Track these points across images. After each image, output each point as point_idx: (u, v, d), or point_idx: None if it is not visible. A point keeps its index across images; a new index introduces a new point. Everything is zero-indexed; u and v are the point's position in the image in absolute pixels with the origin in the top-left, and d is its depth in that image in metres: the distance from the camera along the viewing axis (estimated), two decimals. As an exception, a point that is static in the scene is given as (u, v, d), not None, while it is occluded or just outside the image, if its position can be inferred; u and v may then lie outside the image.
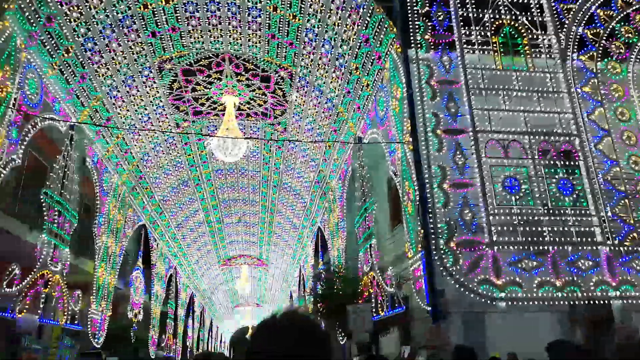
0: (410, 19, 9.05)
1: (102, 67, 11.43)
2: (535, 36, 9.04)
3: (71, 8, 9.64)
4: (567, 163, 8.18)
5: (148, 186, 16.60)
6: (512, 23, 8.99)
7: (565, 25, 9.03)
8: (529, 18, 9.10)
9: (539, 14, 9.14)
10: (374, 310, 10.53)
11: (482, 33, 9.02)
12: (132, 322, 16.86)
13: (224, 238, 24.35)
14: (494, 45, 8.88)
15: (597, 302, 7.55)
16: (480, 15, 9.05)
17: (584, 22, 9.13)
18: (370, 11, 9.72)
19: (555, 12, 9.15)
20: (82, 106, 11.65)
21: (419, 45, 8.76)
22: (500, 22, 9.08)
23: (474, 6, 9.01)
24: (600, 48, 9.01)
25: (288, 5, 10.87)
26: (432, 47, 8.78)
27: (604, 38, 9.06)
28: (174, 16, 11.17)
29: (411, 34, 8.79)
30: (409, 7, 9.08)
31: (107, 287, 13.65)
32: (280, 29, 11.43)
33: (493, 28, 9.03)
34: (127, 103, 12.93)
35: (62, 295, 10.69)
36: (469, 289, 7.34)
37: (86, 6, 9.83)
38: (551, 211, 7.88)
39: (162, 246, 20.31)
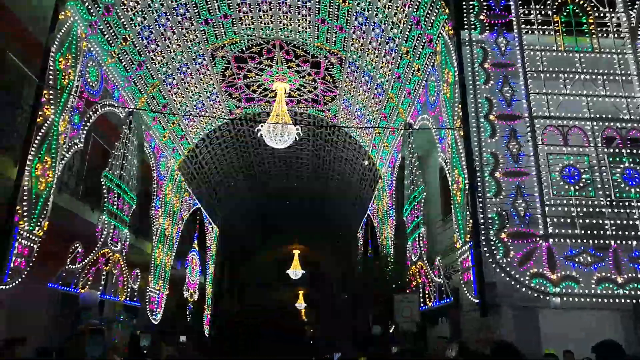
0: (464, -1, 8.64)
1: (158, 55, 11.80)
2: (602, 14, 8.36)
3: (129, -2, 9.98)
4: (634, 151, 7.54)
5: (203, 172, 17.13)
6: (577, 0, 8.34)
7: (637, 2, 8.28)
8: (596, -6, 8.43)
9: (608, -10, 8.44)
10: (421, 300, 10.34)
11: (543, 12, 8.46)
12: (188, 301, 17.60)
13: (277, 225, 24.75)
14: (556, 24, 8.30)
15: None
16: (541, -8, 8.48)
17: (659, -4, 8.33)
18: (422, -8, 9.36)
19: (625, -14, 8.41)
20: (139, 93, 12.12)
21: (472, 27, 8.36)
22: (564, -1, 8.47)
23: (534, -17, 8.46)
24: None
25: (338, -12, 10.72)
26: (487, 28, 8.34)
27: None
28: (226, 3, 11.31)
29: (464, 15, 8.39)
30: (462, -13, 8.67)
31: (164, 267, 14.28)
32: (330, 13, 11.29)
33: (555, 6, 8.44)
34: (182, 90, 13.33)
35: (122, 273, 11.27)
36: (520, 282, 7.00)
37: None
38: (614, 203, 7.32)
39: (216, 230, 20.95)
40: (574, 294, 6.92)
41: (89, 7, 9.16)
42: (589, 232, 7.16)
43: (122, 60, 10.85)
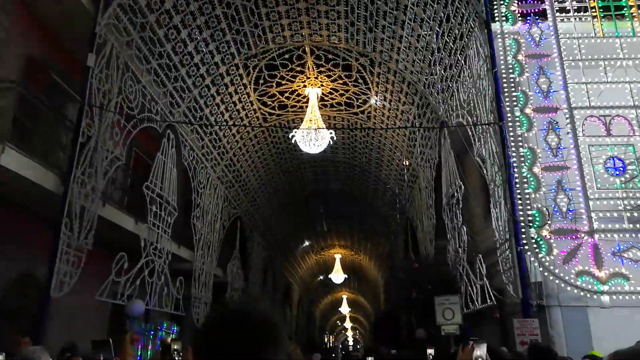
0: (494, -10, 8.44)
1: (193, 67, 12.14)
2: (643, -5, 7.95)
3: (162, 15, 10.32)
4: (684, 138, 7.11)
5: (241, 179, 17.42)
6: (615, -17, 7.98)
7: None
8: (636, -25, 8.01)
9: (648, -31, 8.00)
10: (463, 302, 10.08)
11: (579, -2, 8.14)
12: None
13: (316, 229, 24.84)
14: (593, 10, 7.95)
15: None
16: (576, -22, 8.15)
17: None
18: (450, -13, 9.21)
19: (669, -35, 7.96)
20: (177, 106, 12.49)
21: (504, 18, 8.14)
22: (601, -17, 8.10)
23: (567, -31, 8.15)
24: None
25: (365, -10, 10.70)
26: (519, 18, 8.10)
27: None
28: (255, 13, 11.50)
29: (495, 7, 8.19)
30: (492, -21, 8.47)
31: (206, 274, 14.59)
32: (359, 15, 11.27)
33: (592, -9, 8.10)
34: (217, 100, 13.64)
35: (166, 283, 11.59)
36: (565, 281, 6.72)
37: (176, 12, 10.46)
38: (665, 194, 6.92)
39: (257, 237, 21.23)
40: (624, 292, 6.57)
41: (125, 26, 9.54)
42: (637, 225, 6.78)
43: (159, 75, 11.22)
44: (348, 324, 56.90)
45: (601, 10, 7.93)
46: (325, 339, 53.18)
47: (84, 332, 10.54)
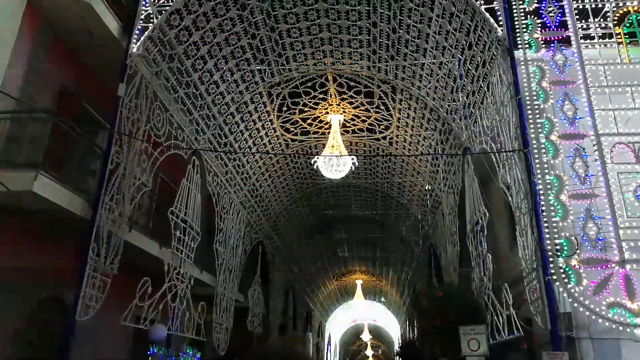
0: (516, 18, 8.49)
1: (218, 96, 12.43)
2: (669, 21, 7.87)
3: (190, 46, 10.66)
4: None
5: (264, 204, 17.54)
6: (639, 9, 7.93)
7: None
8: (661, 1, 7.96)
9: (674, -5, 7.94)
10: (489, 332, 9.79)
11: (603, 24, 8.10)
12: (253, 334, 17.76)
13: (337, 254, 24.70)
14: (618, 36, 7.90)
15: None
16: (599, 4, 8.14)
17: None
18: (472, 15, 9.27)
19: (695, -10, 7.89)
20: (202, 133, 12.76)
21: (527, 45, 8.14)
22: (625, 9, 8.07)
23: (591, -4, 8.15)
24: None
25: (387, 20, 10.86)
26: (543, 45, 8.09)
27: None
28: (280, 43, 11.78)
29: (518, 34, 8.21)
30: (514, 6, 8.52)
31: (227, 299, 14.58)
32: (380, 44, 11.43)
33: (616, 17, 8.06)
34: (242, 127, 13.88)
35: (188, 308, 11.63)
36: (596, 313, 6.50)
37: (203, 43, 10.80)
38: (699, 223, 6.69)
39: (278, 262, 21.20)
40: (660, 325, 6.32)
41: (155, 57, 9.88)
42: (671, 256, 6.57)
43: (186, 104, 11.51)
44: (369, 351, 55.76)
45: (626, 36, 7.88)
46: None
47: (107, 356, 10.63)
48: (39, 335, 8.47)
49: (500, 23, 8.50)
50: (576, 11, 8.24)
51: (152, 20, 9.54)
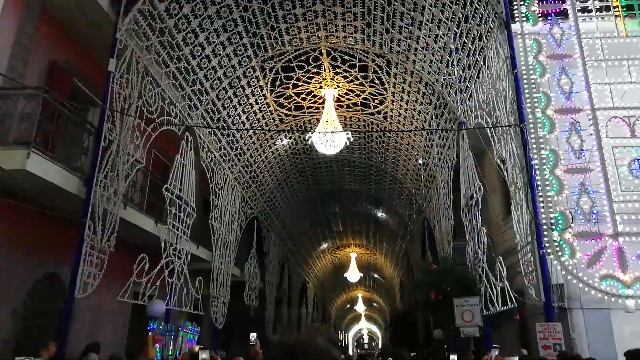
0: (514, -10, 8.36)
1: (211, 70, 12.23)
2: (668, -7, 7.80)
3: (181, 19, 10.41)
4: None
5: (258, 180, 17.52)
6: (638, -19, 7.83)
7: None
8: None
9: (674, -33, 7.85)
10: (483, 304, 10.00)
11: (601, -4, 8.02)
12: (249, 308, 18.01)
13: (332, 228, 24.86)
14: (616, 9, 7.83)
15: None
16: (598, -24, 8.03)
17: None
18: (468, -13, 9.12)
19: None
20: (195, 109, 12.60)
21: (524, 18, 8.05)
22: (623, -19, 7.97)
23: (589, -33, 8.03)
24: None
25: (382, -9, 10.67)
26: (540, 18, 8.01)
27: None
28: (272, 16, 11.54)
29: (515, 7, 8.11)
30: (512, -22, 8.39)
31: (224, 274, 14.71)
32: (375, 16, 11.24)
33: (614, -11, 7.97)
34: (235, 103, 13.72)
35: (186, 283, 11.72)
36: (589, 285, 6.64)
37: (194, 16, 10.55)
38: (693, 196, 6.79)
39: (273, 236, 21.34)
40: (651, 296, 6.48)
41: (145, 31, 9.65)
42: (664, 229, 6.68)
43: (177, 79, 11.32)
44: (363, 322, 56.91)
45: (624, 9, 7.81)
46: (341, 337, 53.24)
47: (106, 332, 10.75)
48: (38, 314, 8.52)
49: (498, -5, 8.37)
50: (574, -18, 8.13)
51: (141, -7, 9.28)
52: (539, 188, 7.13)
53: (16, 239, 8.22)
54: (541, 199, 7.08)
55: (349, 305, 48.29)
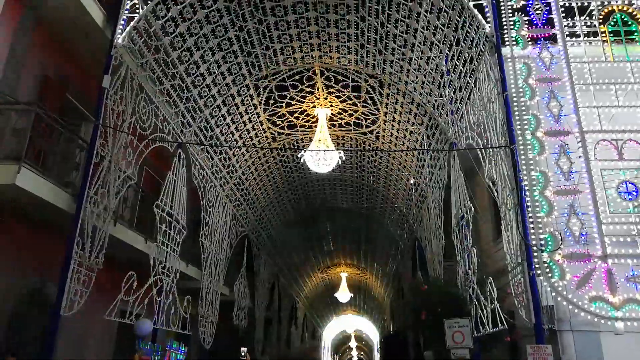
0: (503, 14, 8.56)
1: (205, 88, 12.29)
2: (653, 20, 8.02)
3: (176, 37, 10.50)
4: (697, 163, 7.09)
5: (250, 198, 17.47)
6: (624, 8, 8.05)
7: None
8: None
9: (658, -5, 8.09)
10: (473, 325, 9.95)
11: (588, 23, 8.21)
12: (238, 328, 17.76)
13: (323, 247, 24.77)
14: (603, 34, 8.02)
15: None
16: (585, 3, 8.24)
17: None
18: (460, 11, 9.32)
19: (678, -10, 8.04)
20: (188, 126, 12.62)
21: (514, 42, 8.22)
22: (610, 8, 8.19)
23: (577, -6, 8.25)
24: None
25: (375, 14, 10.84)
26: (530, 42, 8.18)
27: None
28: (267, 36, 11.69)
29: (505, 31, 8.28)
30: (502, 3, 8.59)
31: (213, 293, 14.53)
32: (368, 38, 11.42)
33: (601, 16, 8.17)
34: (228, 121, 13.77)
35: (174, 302, 11.55)
36: (578, 306, 6.65)
37: (189, 34, 10.65)
38: (679, 219, 6.87)
39: (264, 255, 21.19)
40: (639, 318, 6.49)
41: (140, 49, 9.72)
42: (652, 251, 6.74)
43: (172, 96, 11.36)
44: (353, 343, 56.24)
45: (611, 35, 8.01)
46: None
47: (92, 351, 10.53)
48: (22, 330, 8.34)
49: (488, 20, 8.55)
50: (562, 9, 8.34)
51: (137, 11, 9.36)
52: (529, 209, 7.19)
53: (2, 253, 8.09)
54: (531, 220, 7.13)
55: (340, 327, 47.76)
